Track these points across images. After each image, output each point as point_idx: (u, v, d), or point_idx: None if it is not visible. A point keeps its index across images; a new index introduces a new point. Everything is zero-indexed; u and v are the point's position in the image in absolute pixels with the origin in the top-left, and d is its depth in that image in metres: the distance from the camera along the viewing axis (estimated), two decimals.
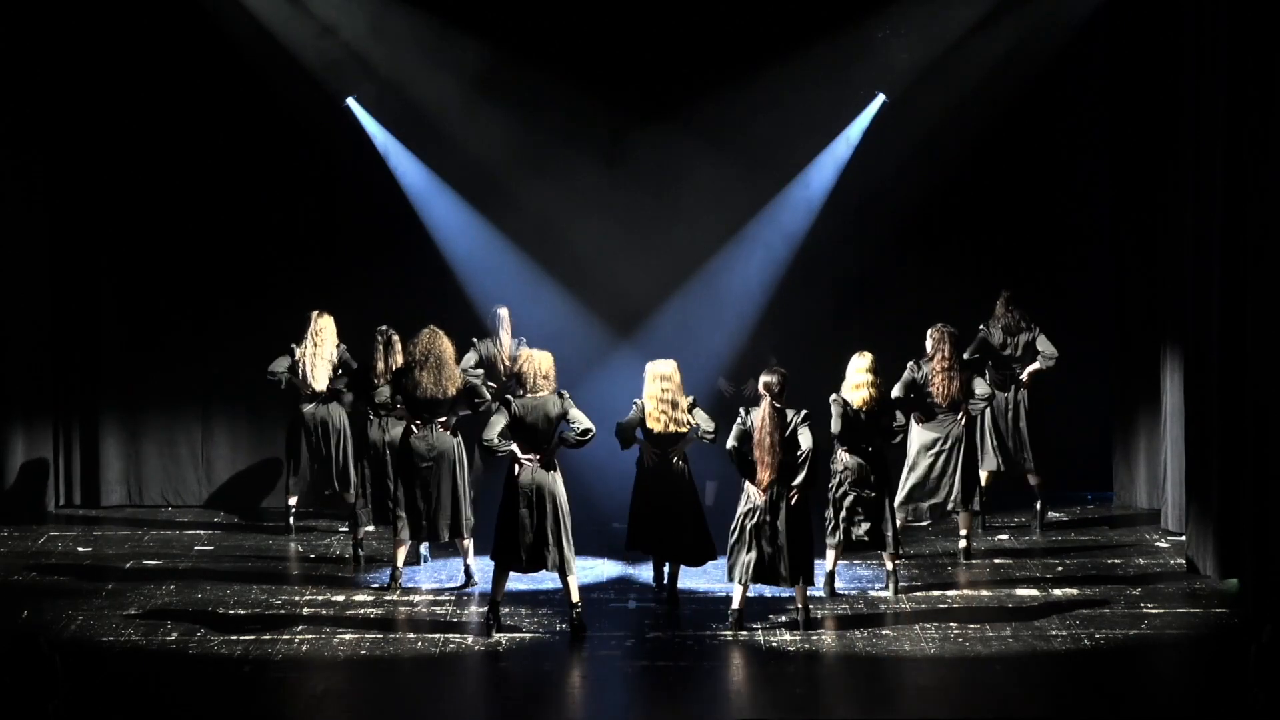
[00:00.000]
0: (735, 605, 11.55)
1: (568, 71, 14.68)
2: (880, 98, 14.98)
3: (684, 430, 12.07)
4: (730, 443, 11.48)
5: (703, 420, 12.07)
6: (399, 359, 12.91)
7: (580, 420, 11.48)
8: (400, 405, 12.64)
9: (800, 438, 11.36)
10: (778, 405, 11.41)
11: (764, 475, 11.38)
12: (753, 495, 11.44)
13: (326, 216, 15.13)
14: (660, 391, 12.03)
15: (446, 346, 12.43)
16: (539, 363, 11.58)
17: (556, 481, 11.51)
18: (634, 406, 12.11)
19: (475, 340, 13.93)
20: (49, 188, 14.80)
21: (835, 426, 12.05)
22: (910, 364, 12.99)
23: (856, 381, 12.12)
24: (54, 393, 14.97)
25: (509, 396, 11.61)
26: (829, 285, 15.11)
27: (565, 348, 14.16)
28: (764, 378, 11.53)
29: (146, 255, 14.97)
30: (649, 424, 12.06)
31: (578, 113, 14.75)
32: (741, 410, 11.58)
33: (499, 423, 11.44)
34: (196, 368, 15.01)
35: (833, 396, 12.14)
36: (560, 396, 11.53)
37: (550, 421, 11.48)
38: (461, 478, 12.48)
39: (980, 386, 13.07)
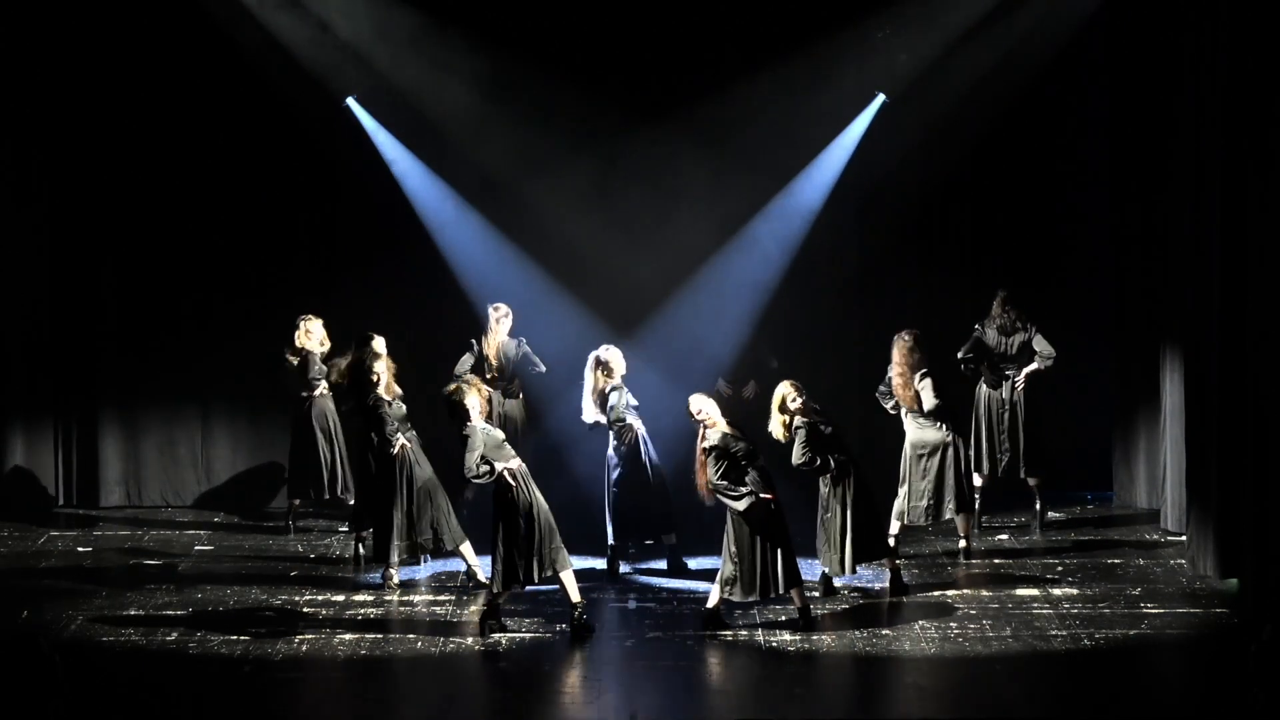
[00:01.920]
0: (709, 605, 11.58)
1: (568, 71, 14.67)
2: (880, 98, 14.97)
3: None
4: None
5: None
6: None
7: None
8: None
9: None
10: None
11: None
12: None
13: (326, 217, 15.11)
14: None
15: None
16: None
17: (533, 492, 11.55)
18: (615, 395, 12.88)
19: (474, 341, 13.93)
20: (49, 188, 14.79)
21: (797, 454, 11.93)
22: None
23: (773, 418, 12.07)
24: (54, 393, 14.96)
25: (476, 427, 11.51)
26: (829, 285, 15.10)
27: (565, 347, 14.17)
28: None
29: (146, 256, 14.95)
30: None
31: (578, 112, 14.74)
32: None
33: (476, 449, 11.41)
34: (196, 368, 15.00)
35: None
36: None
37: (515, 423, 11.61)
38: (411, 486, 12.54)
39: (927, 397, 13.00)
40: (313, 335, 13.90)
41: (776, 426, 11.92)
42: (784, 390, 11.94)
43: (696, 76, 14.79)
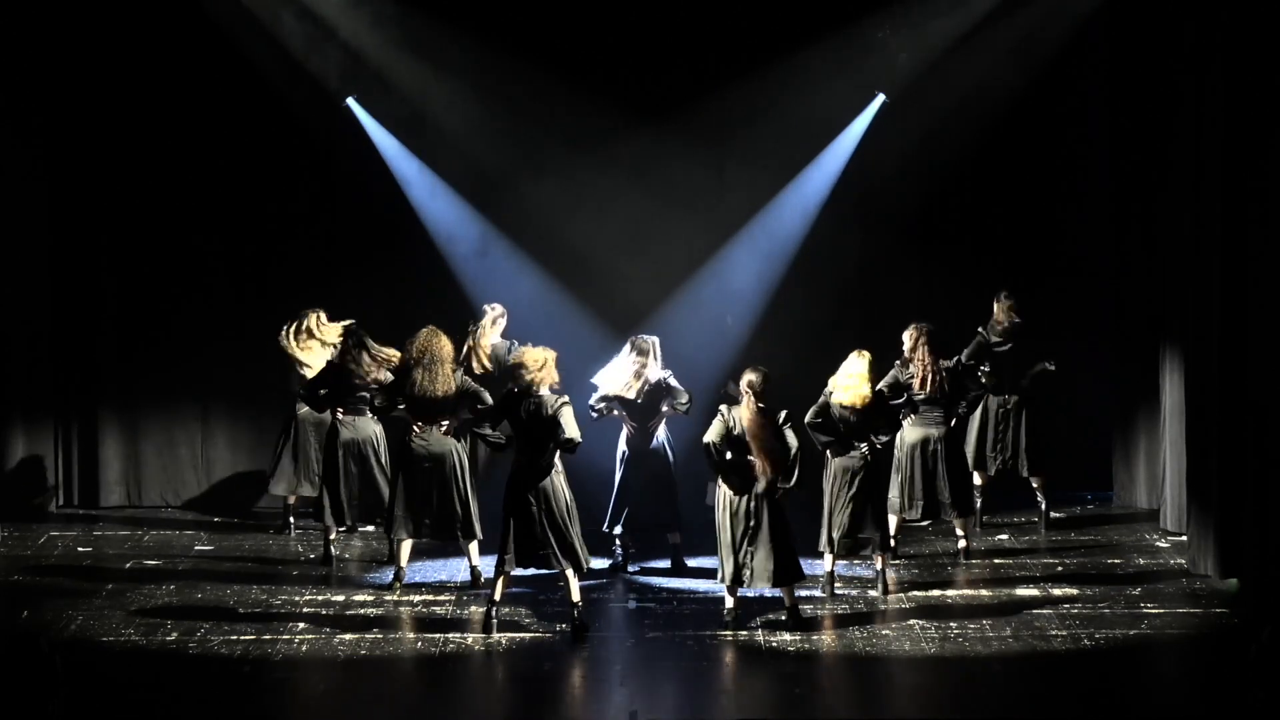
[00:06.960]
0: (729, 606, 11.59)
1: (568, 70, 14.69)
2: (880, 98, 14.97)
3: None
4: (712, 439, 11.45)
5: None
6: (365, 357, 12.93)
7: (569, 428, 11.36)
8: (401, 405, 12.60)
9: (788, 438, 11.39)
10: (763, 405, 11.42)
11: (764, 472, 11.36)
12: (730, 498, 11.45)
13: (326, 216, 15.11)
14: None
15: (444, 346, 12.41)
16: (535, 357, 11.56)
17: (555, 481, 11.47)
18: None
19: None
20: (50, 188, 14.80)
21: (808, 417, 12.06)
22: (896, 364, 12.95)
23: (848, 383, 12.09)
24: (54, 393, 14.96)
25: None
26: (828, 285, 15.09)
27: (565, 347, 14.15)
28: (749, 375, 11.52)
29: (146, 255, 14.96)
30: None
31: (577, 112, 14.75)
32: (723, 409, 11.56)
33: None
34: (195, 368, 15.00)
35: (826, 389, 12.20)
36: (556, 397, 11.50)
37: (541, 422, 11.42)
38: (464, 479, 12.44)
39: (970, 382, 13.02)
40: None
41: (856, 390, 12.08)
42: (869, 358, 12.18)
43: (697, 76, 14.79)
